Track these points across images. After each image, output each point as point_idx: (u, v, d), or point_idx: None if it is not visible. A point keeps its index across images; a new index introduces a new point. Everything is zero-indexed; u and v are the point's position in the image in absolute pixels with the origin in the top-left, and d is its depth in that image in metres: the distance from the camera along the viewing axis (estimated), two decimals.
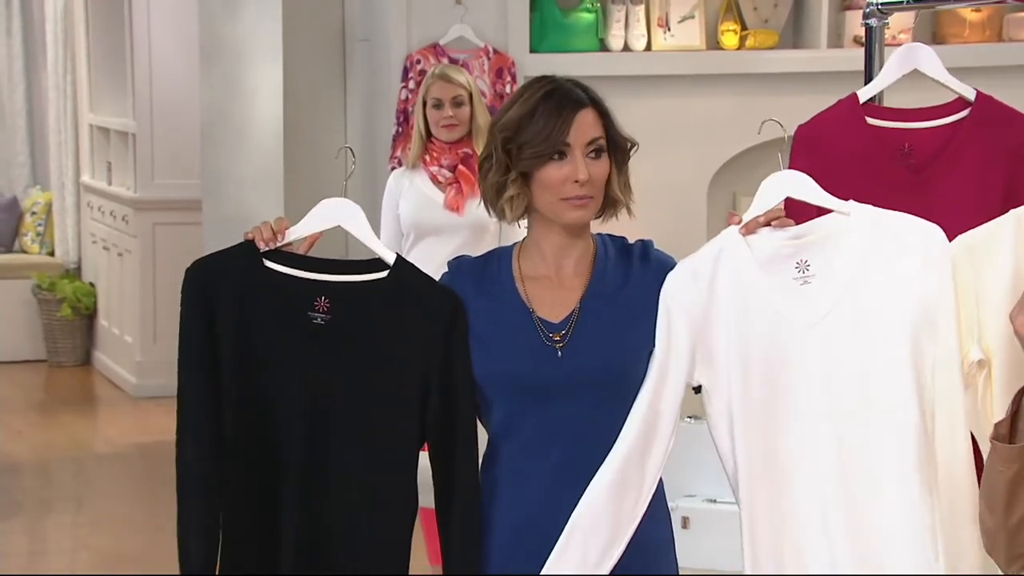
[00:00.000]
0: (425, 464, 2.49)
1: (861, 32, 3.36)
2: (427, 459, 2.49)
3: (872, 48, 3.18)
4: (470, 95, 4.62)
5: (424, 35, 5.70)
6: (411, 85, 5.55)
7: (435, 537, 2.53)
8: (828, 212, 2.47)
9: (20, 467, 6.88)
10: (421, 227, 4.60)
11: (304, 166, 6.13)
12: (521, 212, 2.48)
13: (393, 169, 5.01)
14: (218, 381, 2.45)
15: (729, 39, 5.97)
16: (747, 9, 6.05)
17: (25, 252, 9.68)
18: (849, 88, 2.97)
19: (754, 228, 2.45)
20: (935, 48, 2.95)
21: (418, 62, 5.59)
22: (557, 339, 2.45)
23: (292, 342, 2.45)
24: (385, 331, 2.46)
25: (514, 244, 2.56)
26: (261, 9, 6.19)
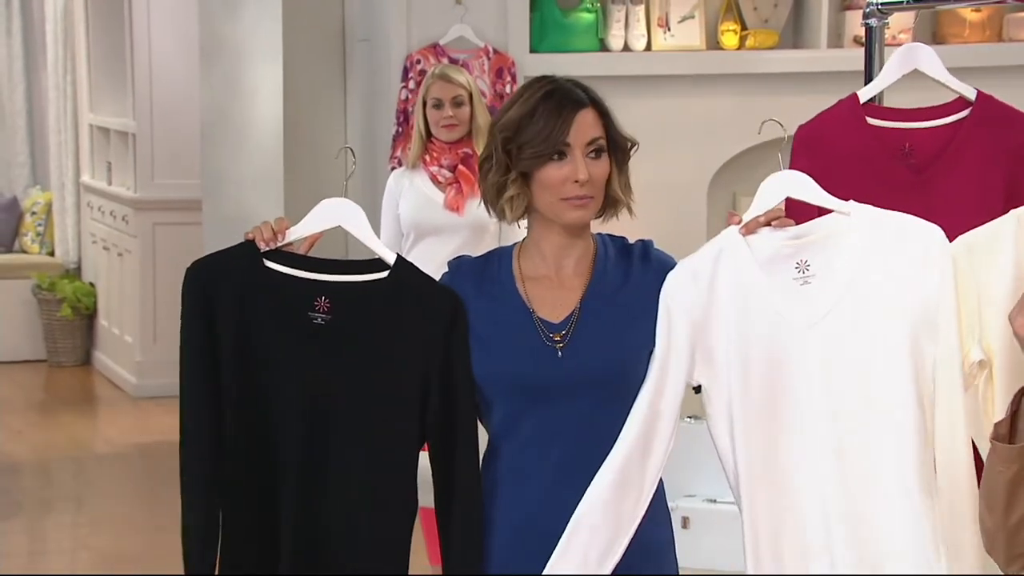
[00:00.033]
0: (425, 464, 2.49)
1: (861, 32, 3.36)
2: (427, 459, 2.49)
3: (872, 48, 3.17)
4: (470, 95, 4.61)
5: (424, 35, 5.70)
6: (411, 85, 5.55)
7: (435, 537, 2.53)
8: (828, 212, 2.47)
9: (20, 467, 6.87)
10: (421, 227, 4.60)
11: (304, 166, 6.13)
12: (521, 212, 2.48)
13: (393, 169, 5.01)
14: (218, 381, 2.45)
15: (729, 39, 5.97)
16: (747, 9, 6.05)
17: (25, 252, 9.67)
18: (849, 88, 2.97)
19: (754, 228, 2.44)
20: (935, 48, 2.95)
21: (418, 62, 5.59)
22: (557, 339, 2.45)
23: (292, 342, 2.45)
24: (385, 331, 2.46)
25: (514, 244, 2.56)
26: (261, 9, 6.19)
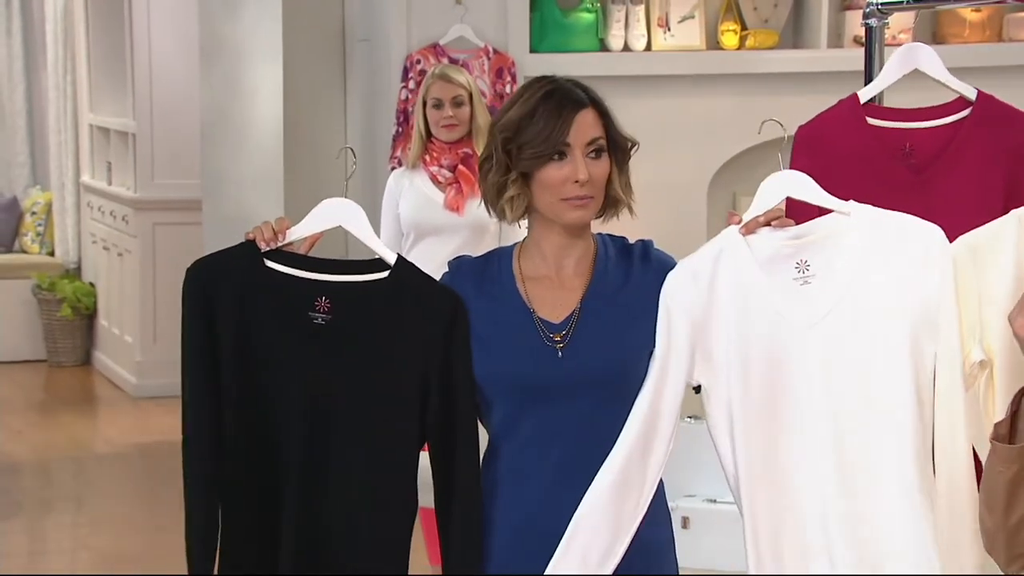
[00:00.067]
0: (425, 464, 2.49)
1: (861, 32, 3.36)
2: (427, 459, 2.49)
3: (872, 48, 3.17)
4: (470, 95, 4.61)
5: (424, 35, 5.70)
6: (411, 85, 5.55)
7: (435, 537, 2.52)
8: (828, 212, 2.47)
9: (20, 467, 6.87)
10: (421, 227, 4.60)
11: (304, 166, 6.13)
12: (521, 212, 2.48)
13: (393, 169, 5.01)
14: (219, 381, 2.45)
15: (729, 39, 5.97)
16: (747, 9, 6.04)
17: (25, 252, 9.68)
18: (849, 88, 2.97)
19: (754, 228, 2.44)
20: (935, 48, 2.94)
21: (418, 62, 5.59)
22: (557, 339, 2.45)
23: (292, 342, 2.45)
24: (386, 331, 2.46)
25: (514, 244, 2.56)
26: (261, 9, 6.19)
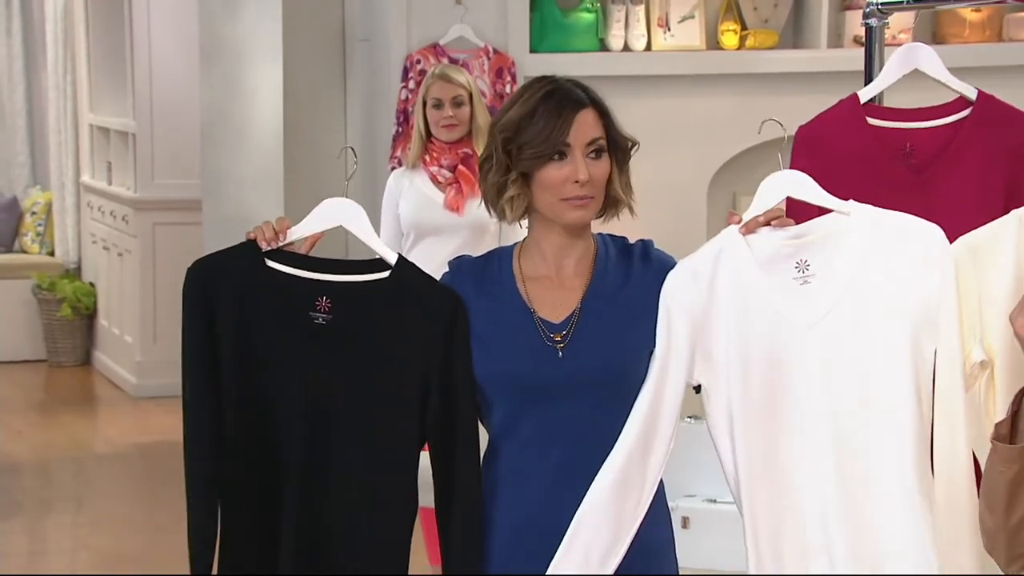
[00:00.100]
0: (424, 463, 2.49)
1: (861, 32, 3.36)
2: (427, 459, 2.49)
3: (872, 48, 3.17)
4: (470, 95, 4.61)
5: (424, 35, 5.70)
6: (411, 85, 5.55)
7: (435, 537, 2.52)
8: (829, 212, 2.47)
9: (20, 467, 6.87)
10: (421, 227, 4.60)
11: (304, 166, 6.13)
12: (522, 212, 2.48)
13: (393, 169, 5.01)
14: (219, 381, 2.45)
15: (729, 39, 5.97)
16: (747, 9, 6.04)
17: (25, 252, 9.68)
18: (849, 88, 2.96)
19: (754, 228, 2.44)
20: (935, 48, 2.94)
21: (418, 62, 5.59)
22: (558, 339, 2.45)
23: (293, 342, 2.45)
24: (386, 331, 2.46)
25: (514, 244, 2.56)
26: (261, 9, 6.19)
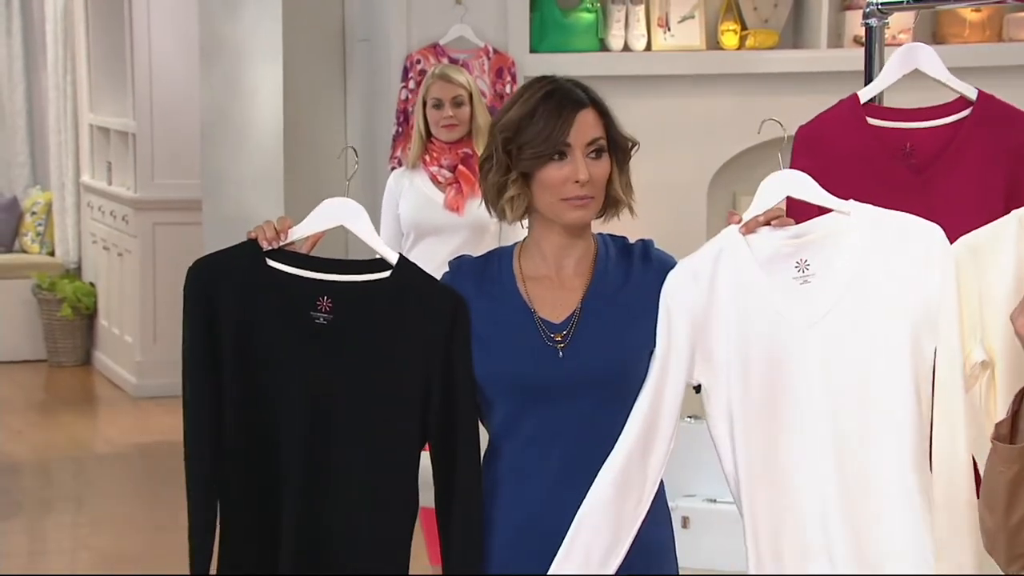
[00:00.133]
0: (424, 463, 2.49)
1: (861, 32, 3.36)
2: (427, 458, 2.49)
3: (872, 48, 3.17)
4: (470, 95, 4.62)
5: (424, 35, 5.70)
6: (411, 85, 5.55)
7: (435, 537, 2.52)
8: (829, 212, 2.47)
9: (20, 467, 6.87)
10: (421, 227, 4.60)
11: (304, 166, 6.13)
12: (522, 212, 2.48)
13: (393, 169, 5.01)
14: (220, 381, 2.45)
15: (729, 39, 5.97)
16: (747, 9, 6.04)
17: (25, 252, 9.68)
18: (849, 88, 2.97)
19: (754, 227, 2.44)
20: (935, 48, 2.94)
21: (418, 62, 5.59)
22: (558, 339, 2.45)
23: (293, 342, 2.45)
24: (387, 331, 2.46)
25: (515, 244, 2.56)
26: (261, 9, 6.19)
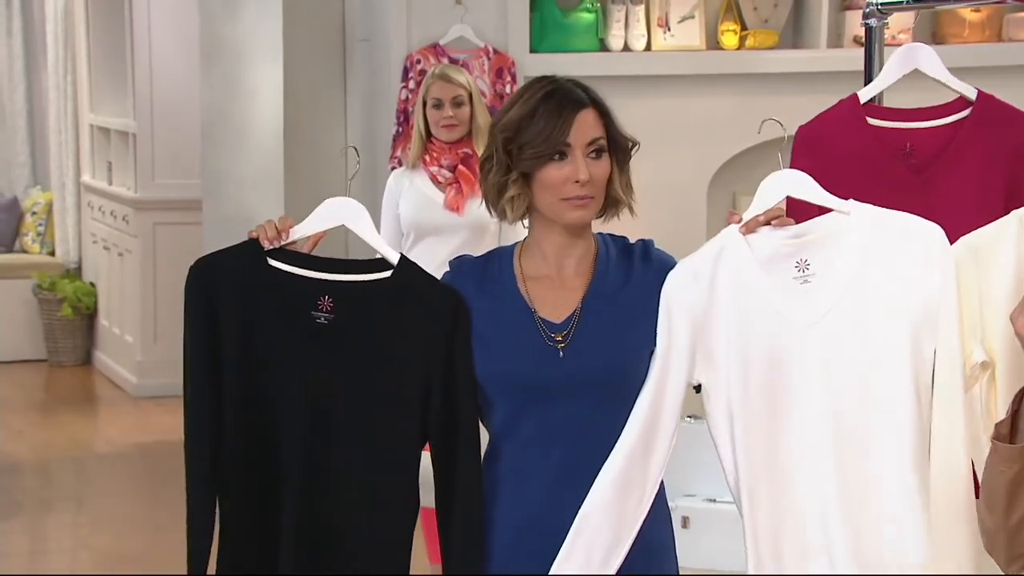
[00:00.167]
0: (425, 463, 2.49)
1: (861, 32, 3.36)
2: (427, 458, 2.49)
3: (872, 48, 3.17)
4: (470, 95, 4.62)
5: (424, 35, 5.70)
6: (411, 85, 5.55)
7: (435, 536, 2.52)
8: (829, 212, 2.47)
9: (20, 467, 6.88)
10: (421, 227, 4.60)
11: (304, 166, 6.13)
12: (522, 212, 2.48)
13: (393, 169, 5.01)
14: (220, 380, 2.45)
15: (729, 39, 5.97)
16: (747, 9, 6.04)
17: (26, 252, 9.68)
18: (849, 88, 2.97)
19: (754, 227, 2.44)
20: (935, 48, 2.95)
21: (418, 62, 5.59)
22: (559, 339, 2.45)
23: (294, 341, 2.45)
24: (388, 331, 2.46)
25: (515, 244, 2.56)
26: (261, 9, 6.19)
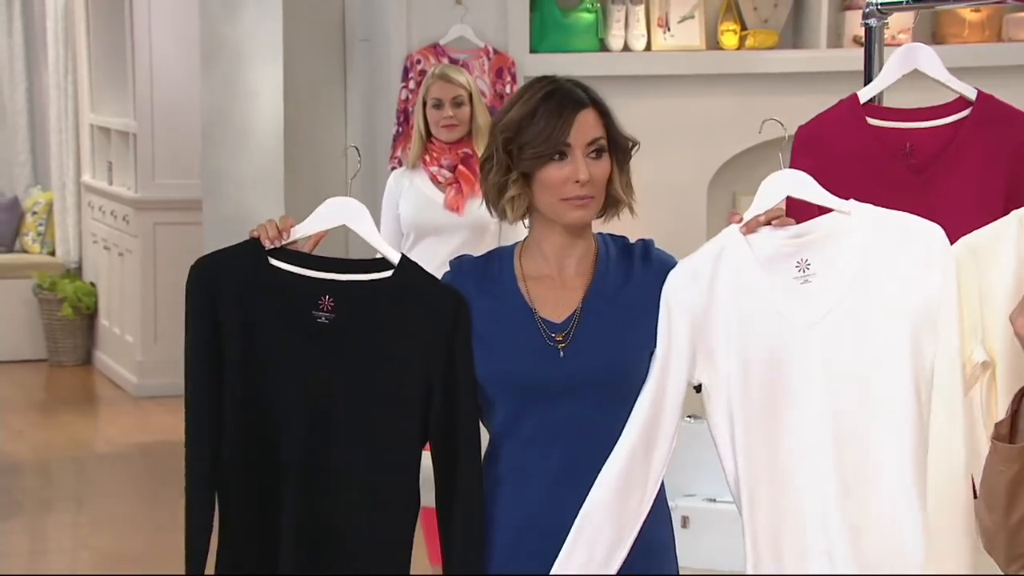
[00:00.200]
0: (425, 463, 2.49)
1: (861, 32, 3.36)
2: (427, 458, 2.49)
3: (872, 48, 3.18)
4: (470, 95, 4.62)
5: (424, 35, 5.70)
6: (411, 85, 5.56)
7: (435, 536, 2.53)
8: (829, 212, 2.47)
9: (20, 467, 6.88)
10: (421, 227, 4.60)
11: (304, 166, 6.13)
12: (522, 212, 2.49)
13: (393, 169, 5.01)
14: (221, 380, 2.45)
15: (729, 39, 5.97)
16: (747, 9, 6.05)
17: (26, 252, 9.68)
18: (849, 88, 2.97)
19: (755, 227, 2.44)
20: (935, 48, 2.95)
21: (418, 62, 5.59)
22: (559, 339, 2.45)
23: (295, 341, 2.45)
24: (388, 331, 2.46)
25: (515, 244, 2.56)
26: (261, 9, 6.19)
